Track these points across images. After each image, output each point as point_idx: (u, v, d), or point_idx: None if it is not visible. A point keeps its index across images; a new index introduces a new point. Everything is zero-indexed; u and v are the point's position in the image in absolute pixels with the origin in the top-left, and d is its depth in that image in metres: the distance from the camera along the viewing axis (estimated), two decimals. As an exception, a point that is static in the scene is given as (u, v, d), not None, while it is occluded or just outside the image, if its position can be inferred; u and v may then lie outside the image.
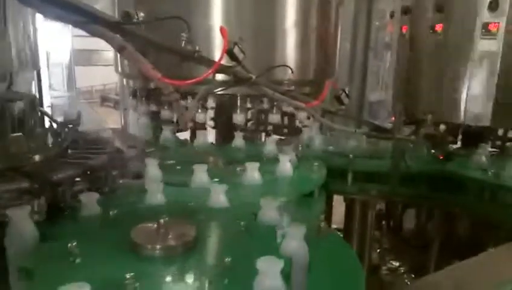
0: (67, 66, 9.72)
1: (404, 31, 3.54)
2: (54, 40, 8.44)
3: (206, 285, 1.26)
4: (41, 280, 1.26)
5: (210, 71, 1.77)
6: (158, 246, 1.43)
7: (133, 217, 1.63)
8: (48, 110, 3.98)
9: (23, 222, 1.48)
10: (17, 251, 1.44)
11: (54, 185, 1.72)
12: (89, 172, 1.91)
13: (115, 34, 1.66)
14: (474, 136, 3.29)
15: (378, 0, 7.51)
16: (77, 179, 1.85)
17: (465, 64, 3.18)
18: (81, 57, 10.14)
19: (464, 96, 3.20)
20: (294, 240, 1.45)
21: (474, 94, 3.15)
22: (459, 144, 3.45)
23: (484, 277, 1.98)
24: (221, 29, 1.84)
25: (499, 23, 2.99)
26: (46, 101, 6.19)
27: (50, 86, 8.02)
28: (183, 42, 1.87)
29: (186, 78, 1.84)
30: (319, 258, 1.44)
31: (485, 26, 3.03)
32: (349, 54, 7.52)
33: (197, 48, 1.86)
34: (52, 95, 8.62)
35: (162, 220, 1.50)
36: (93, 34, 1.64)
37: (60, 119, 2.40)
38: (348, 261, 1.51)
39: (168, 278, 1.30)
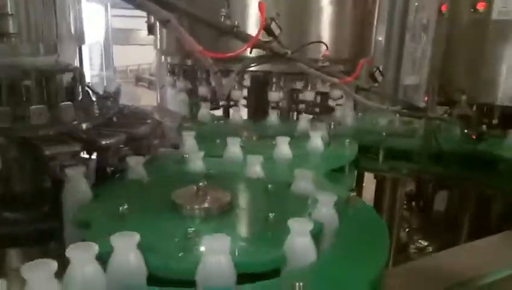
0: (104, 46, 10.00)
1: (443, 10, 3.48)
2: (93, 20, 8.68)
3: (240, 243, 1.35)
4: (94, 231, 1.39)
5: (248, 45, 1.84)
6: (196, 207, 1.54)
7: (174, 182, 1.76)
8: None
9: (79, 180, 1.63)
10: (72, 207, 1.59)
11: (102, 149, 1.86)
12: (132, 139, 2.05)
13: (159, 8, 1.75)
14: (510, 117, 3.24)
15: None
16: (122, 145, 1.99)
17: (503, 45, 3.11)
18: (119, 37, 10.39)
19: (501, 76, 3.15)
20: (324, 207, 1.53)
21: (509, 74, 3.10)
22: (495, 125, 3.40)
23: (475, 263, 1.98)
24: (260, 4, 1.91)
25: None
26: (87, 79, 6.42)
27: (90, 65, 8.31)
28: (222, 17, 1.94)
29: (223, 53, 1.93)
30: (347, 225, 1.52)
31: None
32: (386, 35, 7.40)
33: (236, 23, 1.94)
34: (91, 73, 8.92)
35: (199, 185, 1.61)
36: (139, 7, 1.74)
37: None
38: (375, 228, 1.58)
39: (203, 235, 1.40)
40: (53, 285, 1.00)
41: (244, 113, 3.67)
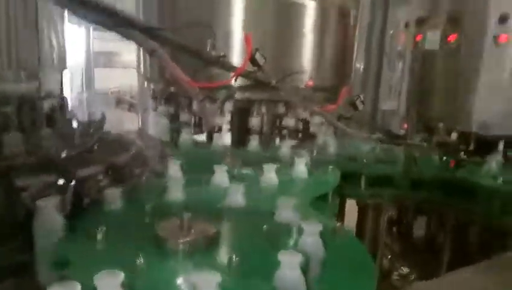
0: (86, 68, 9.94)
1: (418, 40, 3.60)
2: (75, 43, 8.64)
3: (226, 277, 1.33)
4: (68, 268, 1.34)
5: (234, 75, 1.86)
6: (180, 241, 1.51)
7: (155, 213, 1.73)
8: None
9: (50, 212, 1.57)
10: (44, 241, 1.54)
11: (79, 180, 1.82)
12: (111, 169, 2.01)
13: (147, 38, 1.76)
14: (486, 144, 3.33)
15: (394, 9, 7.59)
16: (100, 175, 1.95)
17: (475, 74, 3.23)
18: (100, 59, 10.36)
19: (474, 104, 3.25)
20: (310, 237, 1.53)
21: (483, 103, 3.21)
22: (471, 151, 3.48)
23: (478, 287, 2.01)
24: (246, 36, 1.94)
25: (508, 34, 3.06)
26: (67, 94, 6.34)
27: (71, 89, 8.25)
28: (208, 48, 1.97)
29: (207, 82, 1.94)
30: (333, 255, 1.52)
31: (495, 38, 3.09)
32: (364, 62, 7.61)
33: (222, 54, 1.96)
34: (71, 96, 8.83)
35: (183, 217, 1.58)
36: (126, 37, 1.75)
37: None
38: (360, 258, 1.58)
39: (188, 270, 1.38)
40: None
41: (227, 137, 3.68)
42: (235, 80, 2.06)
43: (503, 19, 3.07)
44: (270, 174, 2.35)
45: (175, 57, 2.03)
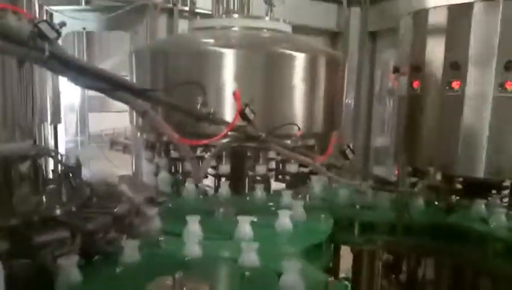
0: (80, 111, 10.07)
1: (415, 86, 3.67)
2: (69, 87, 8.78)
3: None
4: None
5: (224, 132, 1.91)
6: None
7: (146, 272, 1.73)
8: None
9: (72, 269, 1.61)
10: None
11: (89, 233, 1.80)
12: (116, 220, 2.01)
13: (137, 100, 1.82)
14: (479, 187, 3.38)
15: (381, 51, 7.87)
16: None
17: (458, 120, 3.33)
18: (94, 104, 10.50)
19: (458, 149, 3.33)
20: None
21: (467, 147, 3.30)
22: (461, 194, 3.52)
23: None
24: (235, 94, 2.01)
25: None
26: (61, 146, 6.41)
27: (65, 132, 8.33)
28: (199, 105, 2.03)
29: (198, 134, 2.00)
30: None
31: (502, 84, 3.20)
32: (354, 103, 7.79)
33: (212, 110, 2.02)
34: (66, 138, 8.90)
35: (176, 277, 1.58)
36: (118, 99, 1.81)
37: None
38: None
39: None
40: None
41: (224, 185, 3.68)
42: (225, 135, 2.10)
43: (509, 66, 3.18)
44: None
45: (169, 116, 2.10)
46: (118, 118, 9.45)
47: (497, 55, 3.21)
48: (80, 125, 10.34)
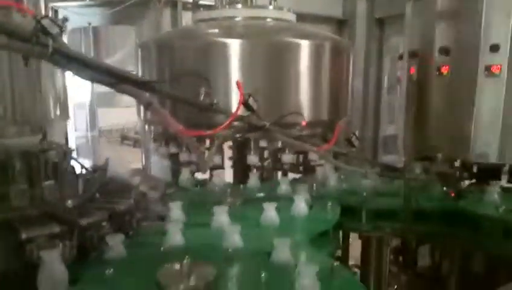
0: (90, 107, 10.16)
1: (412, 72, 3.66)
2: (78, 84, 8.86)
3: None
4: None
5: (227, 123, 1.93)
6: (181, 287, 1.54)
7: (156, 259, 1.78)
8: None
9: (55, 263, 1.62)
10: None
11: (82, 229, 1.86)
12: (114, 216, 2.06)
13: (142, 92, 1.85)
14: (487, 172, 3.34)
15: (389, 37, 7.75)
16: (103, 223, 2.00)
17: (470, 104, 3.26)
18: (103, 99, 10.58)
19: (471, 134, 3.28)
20: (306, 279, 1.55)
21: (480, 132, 3.24)
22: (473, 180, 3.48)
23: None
24: (237, 83, 2.02)
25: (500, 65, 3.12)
26: (72, 143, 6.51)
27: (75, 129, 8.43)
28: (202, 96, 2.04)
29: (205, 125, 2.02)
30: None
31: (488, 68, 3.15)
32: (362, 91, 7.72)
33: (215, 101, 2.03)
34: (76, 135, 9.00)
35: (183, 262, 1.62)
36: (122, 91, 1.83)
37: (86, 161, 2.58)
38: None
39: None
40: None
41: (229, 173, 3.73)
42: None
43: (494, 49, 3.13)
44: (269, 213, 2.38)
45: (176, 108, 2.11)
46: (127, 113, 9.54)
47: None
48: (90, 121, 10.44)
